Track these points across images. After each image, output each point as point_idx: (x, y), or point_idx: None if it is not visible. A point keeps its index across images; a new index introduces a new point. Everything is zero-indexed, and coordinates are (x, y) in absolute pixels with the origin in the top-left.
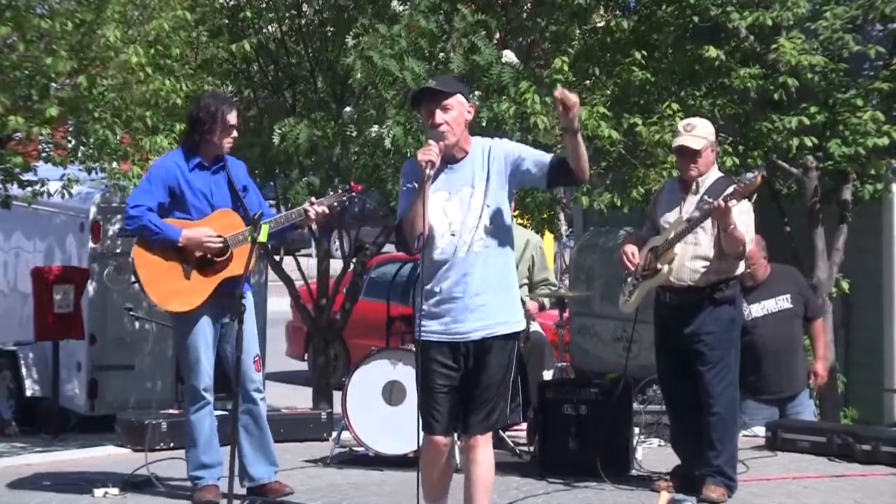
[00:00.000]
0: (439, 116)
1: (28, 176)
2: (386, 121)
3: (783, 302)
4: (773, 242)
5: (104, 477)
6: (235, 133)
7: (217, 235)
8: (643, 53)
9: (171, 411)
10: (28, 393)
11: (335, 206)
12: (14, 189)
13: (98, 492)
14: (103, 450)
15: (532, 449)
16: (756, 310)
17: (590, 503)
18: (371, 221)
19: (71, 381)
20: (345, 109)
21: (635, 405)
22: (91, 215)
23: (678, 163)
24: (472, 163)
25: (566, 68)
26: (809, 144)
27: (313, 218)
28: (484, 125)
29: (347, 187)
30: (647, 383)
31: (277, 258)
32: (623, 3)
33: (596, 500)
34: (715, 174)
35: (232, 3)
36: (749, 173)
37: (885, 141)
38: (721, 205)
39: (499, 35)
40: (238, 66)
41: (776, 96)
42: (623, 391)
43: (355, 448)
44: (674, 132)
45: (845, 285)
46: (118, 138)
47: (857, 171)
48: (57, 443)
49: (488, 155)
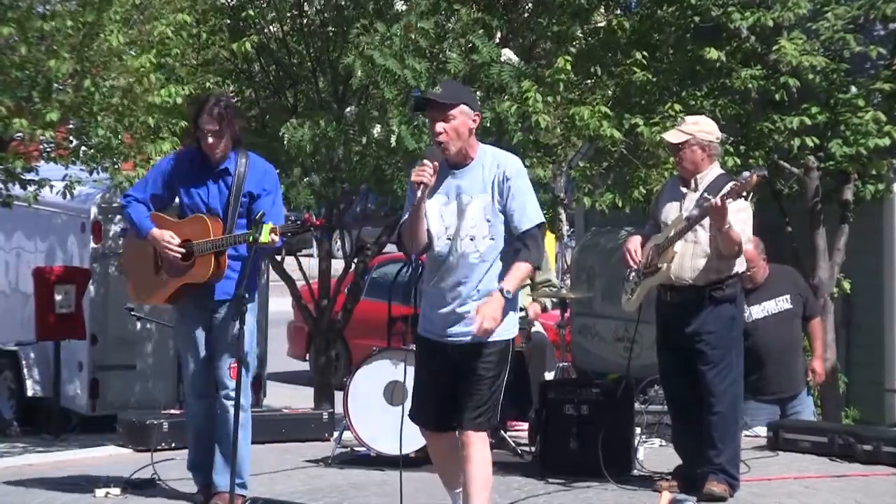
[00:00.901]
0: (440, 126)
1: (29, 176)
2: (390, 119)
3: (783, 303)
4: (775, 242)
5: (105, 477)
6: (210, 139)
7: (184, 240)
8: (644, 54)
9: (173, 411)
10: (29, 393)
11: (288, 235)
12: (15, 189)
13: (99, 492)
14: (104, 450)
15: (533, 449)
16: (756, 311)
17: (591, 503)
18: (372, 222)
19: (72, 382)
20: (346, 109)
21: (637, 405)
22: (92, 215)
23: None
24: (477, 172)
25: (568, 67)
26: (811, 145)
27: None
28: (488, 125)
29: (302, 220)
30: (649, 383)
31: (279, 258)
32: (624, 3)
33: (597, 501)
34: (715, 172)
35: (234, 3)
36: (746, 172)
37: (887, 141)
38: (717, 203)
39: (500, 35)
40: (239, 66)
41: (777, 97)
42: (624, 391)
43: (356, 448)
44: None
45: (846, 285)
46: (120, 139)
47: (859, 172)
48: (58, 443)
49: (498, 171)
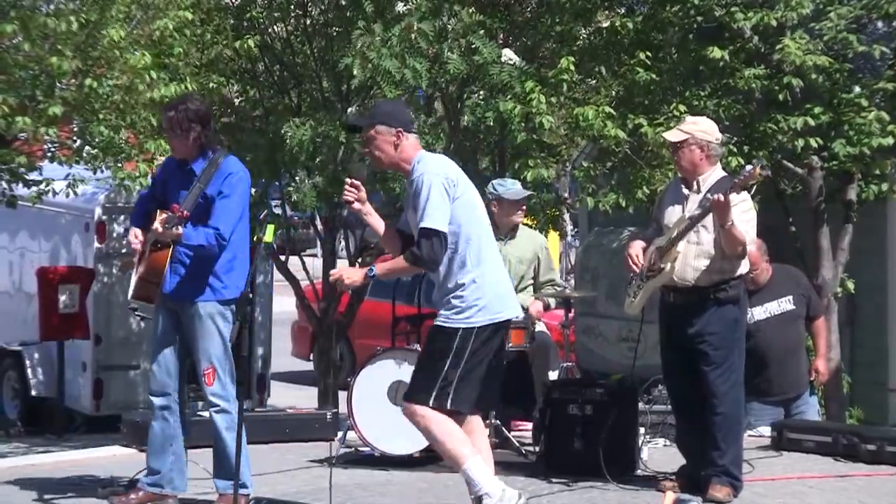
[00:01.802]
0: (363, 148)
1: (33, 175)
2: None
3: (785, 304)
4: (778, 242)
5: (109, 477)
6: (173, 142)
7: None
8: (647, 54)
9: None
10: (33, 393)
11: (167, 226)
12: (19, 189)
13: (103, 492)
14: (108, 450)
15: (537, 449)
16: (758, 312)
17: (595, 503)
18: None
19: (76, 382)
20: (349, 110)
21: (641, 405)
22: (96, 215)
23: None
24: (411, 181)
25: (571, 67)
26: (814, 145)
27: (160, 233)
28: (491, 124)
29: (171, 212)
30: (653, 383)
31: (283, 258)
32: (627, 4)
33: (601, 500)
34: (718, 174)
35: (238, 3)
36: (748, 166)
37: (890, 141)
38: (720, 198)
39: (502, 36)
40: (243, 66)
41: (781, 97)
42: (628, 391)
43: (360, 448)
44: None
45: (850, 285)
46: (123, 139)
47: (862, 172)
48: (62, 443)
49: (411, 181)
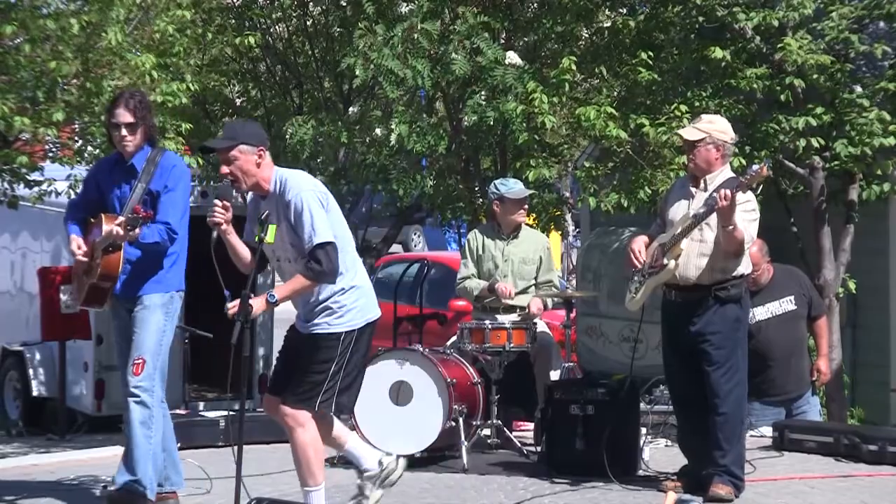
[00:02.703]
0: (224, 168)
1: (34, 176)
2: (392, 119)
3: (787, 304)
4: (780, 243)
5: (111, 477)
6: (124, 131)
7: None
8: (649, 54)
9: (178, 411)
10: (35, 393)
11: (129, 228)
12: (21, 189)
13: (104, 492)
14: (110, 450)
15: (539, 449)
16: (760, 313)
17: (597, 503)
18: (377, 221)
19: (78, 382)
20: (350, 109)
21: (642, 405)
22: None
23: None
24: (272, 201)
25: (573, 67)
26: (816, 145)
27: (121, 235)
28: (492, 124)
29: (133, 213)
30: (654, 383)
31: None
32: (629, 3)
33: (603, 500)
34: (726, 174)
35: (239, 2)
36: (755, 165)
37: (892, 141)
38: (726, 195)
39: (504, 36)
40: (245, 66)
41: (782, 97)
42: (630, 391)
43: None
44: None
45: (852, 285)
46: None
47: (864, 172)
48: (63, 443)
49: (281, 197)
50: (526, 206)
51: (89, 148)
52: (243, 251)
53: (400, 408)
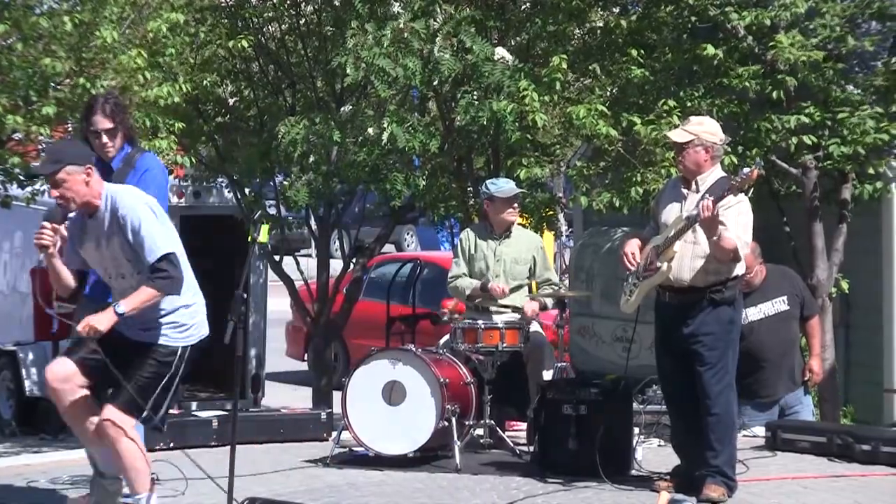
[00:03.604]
0: (54, 192)
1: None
2: (383, 118)
3: (779, 304)
4: (773, 243)
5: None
6: (104, 138)
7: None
8: (640, 52)
9: (172, 411)
10: (28, 393)
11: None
12: (13, 189)
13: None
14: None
15: (532, 449)
16: (752, 314)
17: (590, 503)
18: (370, 221)
19: None
20: (342, 109)
21: (635, 405)
22: None
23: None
24: (103, 218)
25: (564, 66)
26: (809, 143)
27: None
28: (485, 123)
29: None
30: (647, 383)
31: (277, 258)
32: (622, 3)
33: (596, 500)
34: (717, 174)
35: (232, 2)
36: (746, 168)
37: (885, 138)
38: (708, 207)
39: (496, 35)
40: (238, 67)
41: (774, 95)
42: (623, 391)
43: (355, 448)
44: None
45: (845, 285)
46: None
47: (856, 171)
48: (57, 442)
49: (113, 212)
50: (516, 206)
51: None
52: (66, 277)
53: (393, 408)
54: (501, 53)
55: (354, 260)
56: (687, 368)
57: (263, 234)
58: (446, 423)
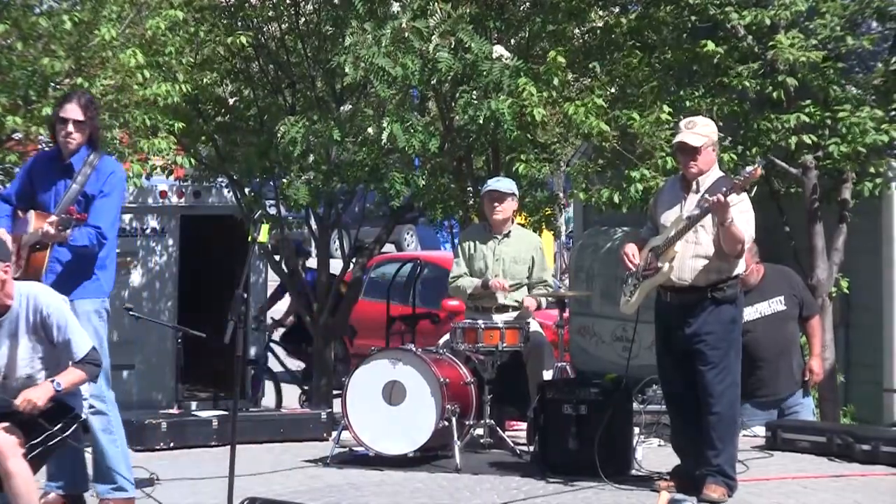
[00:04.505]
0: None
1: None
2: (383, 118)
3: (776, 304)
4: (773, 242)
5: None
6: (70, 127)
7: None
8: (639, 54)
9: (171, 411)
10: None
11: (61, 228)
12: None
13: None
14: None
15: (532, 449)
16: (750, 313)
17: (590, 503)
18: (370, 221)
19: None
20: (342, 108)
21: (635, 405)
22: None
23: (679, 160)
24: (14, 316)
25: (561, 59)
26: (809, 142)
27: (52, 235)
28: (481, 122)
29: (67, 214)
30: (647, 383)
31: (277, 258)
32: (622, 2)
33: (596, 500)
34: (716, 173)
35: (232, 2)
36: (748, 167)
37: (885, 138)
38: (719, 199)
39: (496, 35)
40: (238, 66)
41: (774, 95)
42: (623, 391)
43: (355, 448)
44: (674, 131)
45: (845, 285)
46: (117, 139)
47: (856, 171)
48: None
49: (35, 311)
50: (505, 205)
51: None
52: None
53: (393, 407)
54: (500, 52)
55: (354, 260)
56: (688, 368)
57: (263, 234)
58: (446, 423)
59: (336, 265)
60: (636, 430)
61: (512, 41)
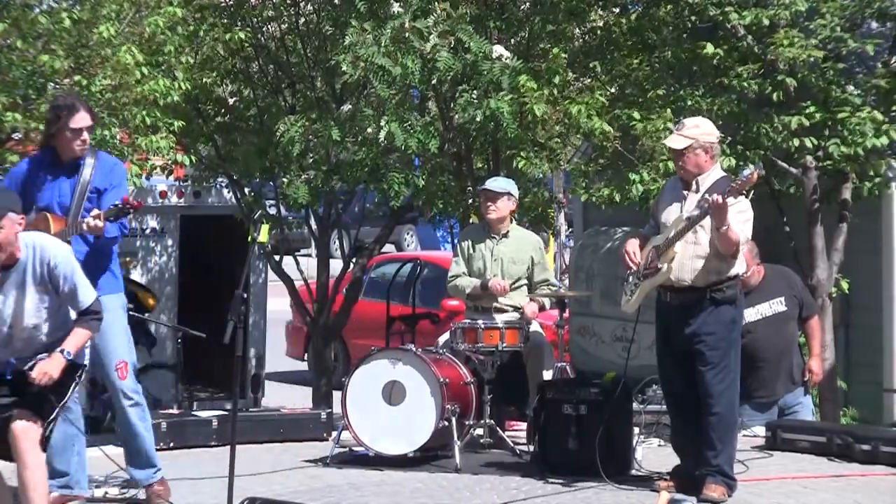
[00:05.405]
0: None
1: None
2: (382, 117)
3: (777, 305)
4: (773, 243)
5: (104, 477)
6: (85, 135)
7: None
8: (640, 54)
9: (171, 411)
10: None
11: (110, 219)
12: None
13: (98, 492)
14: (103, 449)
15: (532, 449)
16: (750, 314)
17: (590, 503)
18: (370, 221)
19: None
20: (342, 108)
21: (635, 405)
22: None
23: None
24: (23, 268)
25: (563, 55)
26: (809, 145)
27: (88, 229)
28: (480, 121)
29: (122, 203)
30: (647, 383)
31: (277, 258)
32: (621, 3)
33: (596, 500)
34: (717, 174)
35: (232, 2)
36: (746, 170)
37: (885, 141)
38: (718, 200)
39: (497, 35)
40: (237, 66)
41: (774, 96)
42: (623, 391)
43: (355, 448)
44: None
45: (845, 285)
46: (116, 138)
47: (857, 172)
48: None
49: (43, 262)
50: (499, 204)
51: None
52: None
53: (393, 407)
54: (500, 52)
55: (354, 260)
56: (688, 368)
57: (263, 234)
58: (446, 423)
59: (336, 265)
60: (636, 430)
61: (512, 41)
